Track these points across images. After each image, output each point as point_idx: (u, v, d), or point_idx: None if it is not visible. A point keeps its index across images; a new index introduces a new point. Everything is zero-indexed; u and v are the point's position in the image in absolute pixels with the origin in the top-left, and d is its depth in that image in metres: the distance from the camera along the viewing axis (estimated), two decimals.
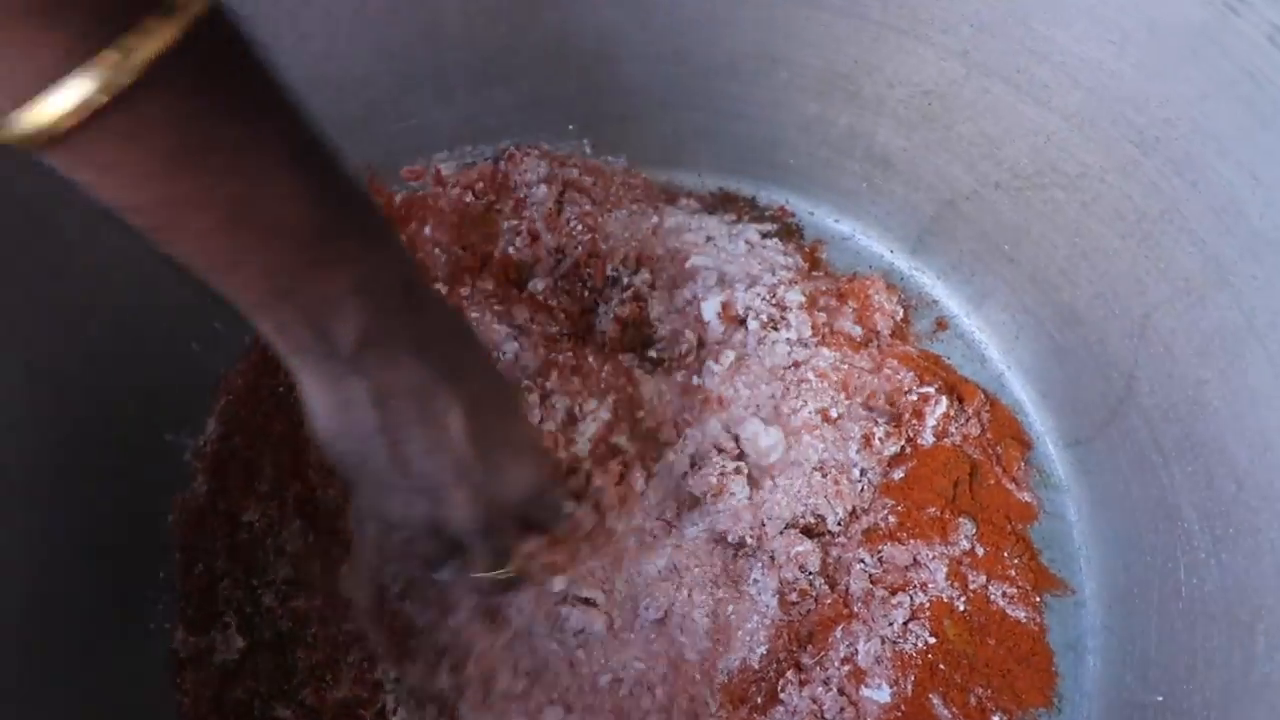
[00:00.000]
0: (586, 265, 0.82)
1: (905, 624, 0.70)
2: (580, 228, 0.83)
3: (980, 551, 0.74)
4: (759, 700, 0.68)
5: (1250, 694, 0.57)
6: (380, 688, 0.68)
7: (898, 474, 0.76)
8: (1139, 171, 0.64)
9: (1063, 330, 0.78)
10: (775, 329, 0.80)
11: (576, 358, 0.79)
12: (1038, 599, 0.73)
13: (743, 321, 0.81)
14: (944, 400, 0.79)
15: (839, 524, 0.73)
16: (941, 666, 0.69)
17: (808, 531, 0.73)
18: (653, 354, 0.81)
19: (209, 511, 0.74)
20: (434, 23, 0.73)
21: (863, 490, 0.75)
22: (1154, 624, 0.68)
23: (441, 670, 0.68)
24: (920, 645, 0.69)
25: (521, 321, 0.79)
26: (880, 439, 0.76)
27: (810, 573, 0.71)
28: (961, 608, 0.71)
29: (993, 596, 0.72)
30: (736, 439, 0.76)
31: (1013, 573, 0.73)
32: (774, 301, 0.81)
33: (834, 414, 0.77)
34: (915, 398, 0.79)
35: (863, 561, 0.72)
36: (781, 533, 0.72)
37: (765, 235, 0.87)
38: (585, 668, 0.69)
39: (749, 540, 0.72)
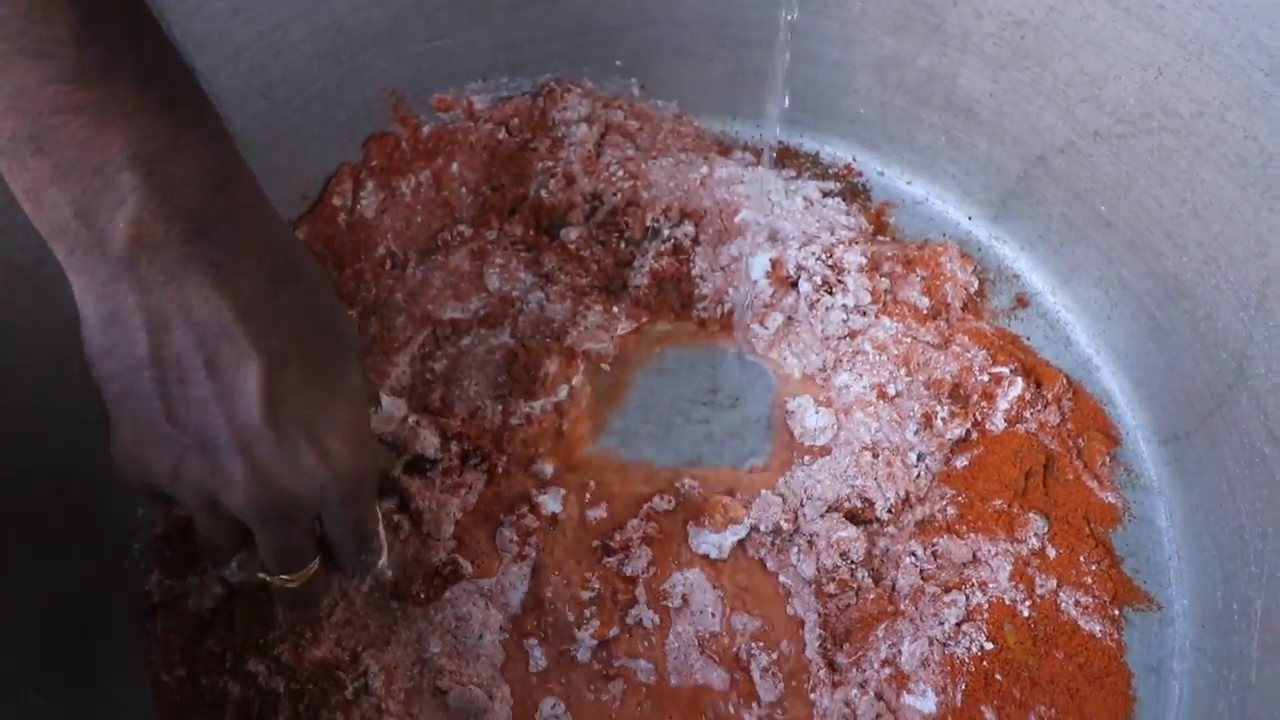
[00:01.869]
0: (624, 214, 0.76)
1: (958, 625, 0.62)
2: (621, 173, 0.77)
3: (1052, 553, 0.65)
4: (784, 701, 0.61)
5: None
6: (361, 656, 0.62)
7: (961, 461, 0.69)
8: (1269, 106, 0.57)
9: (1164, 305, 0.69)
10: (830, 293, 0.73)
11: (605, 313, 0.74)
12: (1117, 612, 0.65)
13: (794, 283, 0.74)
14: (1019, 383, 0.70)
15: (889, 511, 0.66)
16: (998, 677, 0.60)
17: (853, 517, 0.66)
18: (694, 314, 0.75)
19: None
20: None
21: (919, 476, 0.68)
22: (1254, 647, 0.59)
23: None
24: (974, 651, 0.61)
25: (549, 270, 0.75)
26: (943, 420, 0.69)
27: (853, 562, 0.64)
28: (1025, 613, 0.63)
29: (1063, 604, 0.64)
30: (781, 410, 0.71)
31: (1089, 580, 0.65)
32: (830, 262, 0.74)
33: (891, 391, 0.70)
34: (986, 379, 0.71)
35: (914, 554, 0.65)
36: (823, 516, 0.66)
37: (827, 194, 0.80)
38: None
39: (784, 525, 0.66)
